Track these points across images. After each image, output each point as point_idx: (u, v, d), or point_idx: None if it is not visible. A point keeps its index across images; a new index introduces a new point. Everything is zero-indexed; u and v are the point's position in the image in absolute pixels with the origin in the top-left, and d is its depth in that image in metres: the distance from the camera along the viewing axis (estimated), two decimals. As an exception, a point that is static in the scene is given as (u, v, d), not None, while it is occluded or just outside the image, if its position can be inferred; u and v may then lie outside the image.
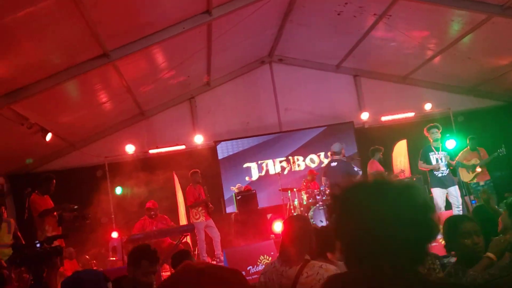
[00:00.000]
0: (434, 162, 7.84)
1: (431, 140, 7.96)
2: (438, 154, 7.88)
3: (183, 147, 10.65)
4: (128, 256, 3.05)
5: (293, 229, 2.87)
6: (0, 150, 8.73)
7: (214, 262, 8.27)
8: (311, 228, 2.96)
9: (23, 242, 6.07)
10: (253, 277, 5.26)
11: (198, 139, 10.61)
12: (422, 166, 8.01)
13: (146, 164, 10.23)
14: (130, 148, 10.11)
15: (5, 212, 6.72)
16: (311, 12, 9.04)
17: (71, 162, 10.38)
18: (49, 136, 8.56)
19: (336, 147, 8.05)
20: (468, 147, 9.61)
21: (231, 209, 10.06)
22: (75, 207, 6.05)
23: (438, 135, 7.94)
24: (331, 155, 8.33)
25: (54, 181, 6.25)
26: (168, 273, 5.92)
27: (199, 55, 9.25)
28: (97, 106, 9.42)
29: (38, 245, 3.40)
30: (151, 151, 10.41)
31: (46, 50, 6.55)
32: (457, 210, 7.61)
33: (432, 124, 8.06)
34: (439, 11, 8.14)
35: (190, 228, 7.69)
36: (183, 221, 9.42)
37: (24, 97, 7.03)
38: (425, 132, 8.04)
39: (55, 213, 6.00)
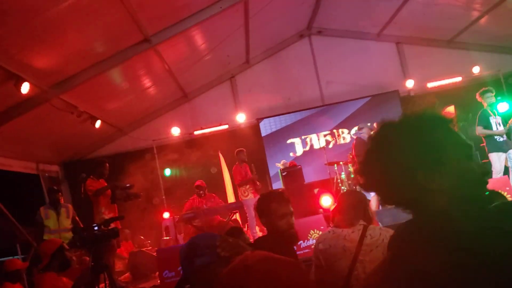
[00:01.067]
0: (494, 127, 7.53)
1: (486, 105, 7.62)
2: (496, 118, 7.57)
3: (226, 126, 10.75)
4: (256, 209, 2.94)
5: (349, 200, 2.92)
6: (52, 140, 9.14)
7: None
8: (365, 198, 2.98)
9: (82, 226, 6.38)
10: (304, 251, 5.32)
11: (241, 118, 10.67)
12: (482, 131, 7.64)
13: (191, 145, 10.43)
14: (175, 131, 10.32)
15: (62, 198, 7.07)
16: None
17: (120, 147, 10.73)
18: (98, 123, 8.86)
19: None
20: (522, 109, 9.17)
21: (277, 185, 10.12)
22: (128, 185, 6.27)
23: (493, 99, 7.59)
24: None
25: (107, 164, 6.49)
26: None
27: (237, 34, 9.25)
28: (141, 91, 9.64)
29: (96, 227, 3.56)
30: (195, 132, 10.58)
31: (90, 39, 6.73)
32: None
33: (485, 88, 7.69)
34: (484, -32, 7.75)
35: (238, 206, 7.82)
36: (231, 199, 9.60)
37: (72, 87, 7.29)
38: (477, 97, 7.69)
39: (108, 192, 6.24)
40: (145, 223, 9.31)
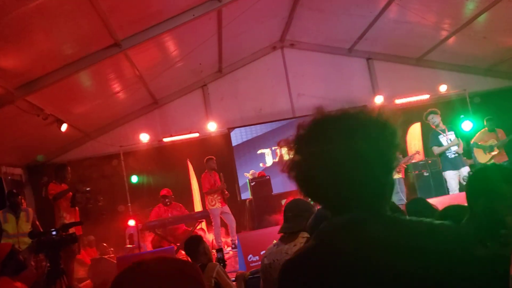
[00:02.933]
0: (445, 144, 7.77)
1: (434, 127, 7.90)
2: (447, 135, 7.81)
3: (196, 134, 10.69)
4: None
5: (291, 209, 2.86)
6: (17, 142, 8.88)
7: (229, 248, 8.35)
8: (310, 207, 2.90)
9: (41, 230, 6.21)
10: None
11: (212, 127, 10.64)
12: (437, 150, 7.91)
13: (160, 153, 10.33)
14: (144, 137, 10.20)
15: (24, 202, 6.87)
16: (322, -5, 8.94)
17: (87, 152, 10.52)
18: (64, 127, 8.67)
19: None
20: (486, 128, 9.45)
21: (246, 195, 10.11)
22: (87, 189, 6.16)
23: (437, 119, 7.87)
24: None
25: (69, 168, 6.36)
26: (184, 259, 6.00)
27: (210, 42, 9.24)
28: (110, 96, 9.50)
29: (54, 232, 3.46)
30: (165, 140, 10.48)
31: (58, 41, 6.60)
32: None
33: (427, 111, 7.99)
34: (453, -10, 8.00)
35: (204, 215, 7.76)
36: (198, 208, 9.52)
37: (39, 89, 7.11)
38: (424, 118, 8.01)
39: (69, 196, 6.10)
40: (109, 230, 9.14)
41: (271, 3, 9.00)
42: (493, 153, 9.23)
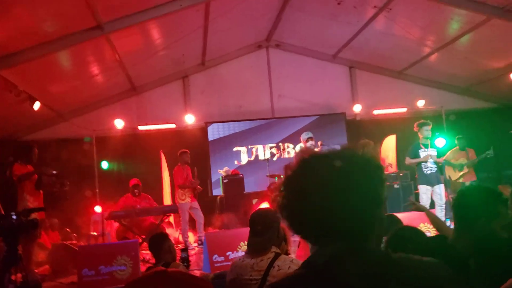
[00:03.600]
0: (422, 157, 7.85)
1: (421, 137, 7.93)
2: (427, 151, 7.88)
3: (173, 125, 10.56)
4: None
5: (261, 221, 2.79)
6: (-14, 116, 8.61)
7: (196, 244, 8.28)
8: (278, 218, 2.83)
9: (3, 213, 6.02)
10: (231, 262, 5.24)
11: (189, 119, 10.52)
12: (409, 161, 7.99)
13: (134, 141, 10.17)
14: (119, 123, 10.00)
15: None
16: (311, -1, 8.94)
17: (59, 133, 10.25)
18: (37, 105, 8.43)
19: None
20: (457, 146, 9.64)
21: (217, 191, 10.05)
22: (54, 172, 5.99)
23: (429, 133, 7.92)
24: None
25: (36, 150, 6.18)
26: (148, 252, 5.91)
27: (196, 34, 9.13)
28: (88, 78, 9.29)
29: (14, 217, 3.35)
30: (140, 128, 10.32)
31: (39, 17, 6.42)
32: (440, 208, 7.66)
33: (423, 121, 8.02)
34: (439, 8, 8.09)
35: (173, 209, 7.66)
36: (167, 200, 9.40)
37: (14, 64, 6.92)
38: (415, 127, 8.00)
39: (34, 178, 5.93)
40: (74, 215, 8.94)
41: (261, 2, 8.95)
42: (463, 172, 9.42)
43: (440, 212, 7.55)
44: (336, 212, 1.11)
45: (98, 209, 8.68)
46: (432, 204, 7.81)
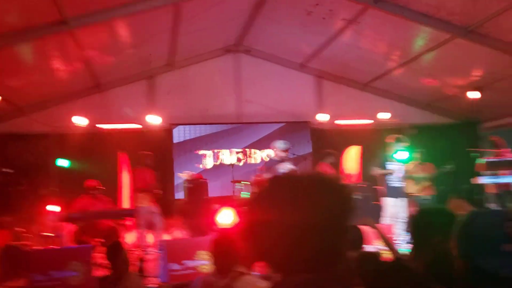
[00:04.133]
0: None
1: (391, 150, 8.09)
2: (394, 164, 8.05)
3: (137, 126, 10.37)
4: None
5: (223, 243, 2.75)
6: None
7: (153, 250, 8.11)
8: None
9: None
10: (187, 271, 5.17)
11: (154, 120, 10.35)
12: (375, 171, 8.10)
13: (95, 139, 9.91)
14: (80, 120, 9.74)
15: None
16: (282, 7, 8.97)
17: (17, 128, 9.86)
18: (-6, 98, 8.10)
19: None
20: (418, 160, 9.86)
21: (180, 195, 9.91)
22: (8, 170, 5.75)
23: (400, 147, 8.12)
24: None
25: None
26: (103, 255, 5.75)
27: (165, 35, 9.00)
28: (50, 73, 8.99)
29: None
30: (102, 126, 10.07)
31: (1, 7, 6.17)
32: (402, 221, 7.81)
33: (399, 136, 8.20)
34: (406, 25, 8.25)
35: (132, 213, 7.49)
36: (125, 204, 9.15)
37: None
38: (388, 139, 8.15)
39: None
40: (29, 215, 8.60)
41: (232, 7, 8.92)
42: (423, 186, 9.64)
43: (402, 225, 7.70)
44: (301, 241, 1.09)
45: (54, 209, 8.39)
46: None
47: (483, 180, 7.74)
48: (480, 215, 1.32)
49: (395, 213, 7.91)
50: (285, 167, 7.31)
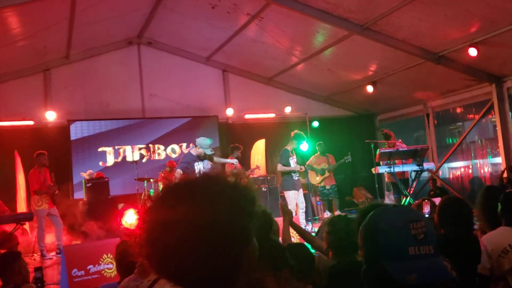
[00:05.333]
0: (292, 165, 8.25)
1: (292, 146, 8.36)
2: (293, 158, 8.33)
3: (31, 122, 9.67)
4: None
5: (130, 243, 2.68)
6: None
7: (53, 253, 7.66)
8: None
9: None
10: (92, 276, 4.94)
11: (50, 116, 9.72)
12: (281, 168, 8.33)
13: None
14: (-35, 118, 8.87)
15: None
16: (185, 0, 8.84)
17: None
18: None
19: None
20: (318, 152, 10.34)
21: (79, 195, 9.38)
22: None
23: (302, 140, 8.44)
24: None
25: None
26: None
27: (60, 26, 8.46)
28: None
29: None
30: (-8, 124, 9.25)
31: None
32: (302, 211, 8.13)
33: (301, 133, 8.46)
34: (307, 21, 8.54)
35: (28, 217, 6.95)
36: (21, 207, 8.49)
37: None
38: (292, 134, 8.40)
39: None
40: None
41: (133, -3, 8.62)
42: (324, 176, 10.12)
43: (302, 215, 8.01)
44: (199, 252, 1.00)
45: None
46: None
47: (380, 169, 8.27)
48: (384, 215, 1.26)
49: (297, 204, 8.21)
50: (204, 165, 7.15)
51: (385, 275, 1.16)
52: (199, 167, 7.01)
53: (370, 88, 10.67)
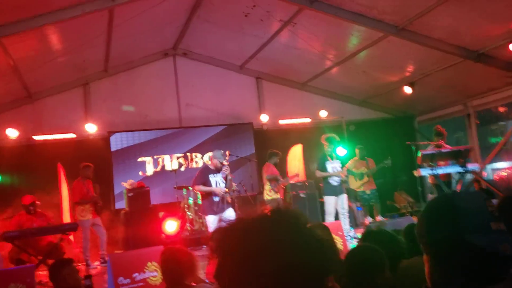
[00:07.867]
0: (330, 170, 8.15)
1: (326, 149, 8.26)
2: (333, 162, 8.22)
3: (73, 135, 9.97)
4: None
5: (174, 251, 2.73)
6: None
7: (98, 263, 7.84)
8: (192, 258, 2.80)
9: None
10: (138, 284, 5.03)
11: (90, 128, 10.00)
12: (320, 174, 8.26)
13: (29, 152, 9.42)
14: (12, 133, 9.22)
15: None
16: (219, 10, 8.94)
17: None
18: None
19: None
20: (357, 156, 10.19)
21: (121, 204, 9.59)
22: None
23: (333, 149, 8.30)
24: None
25: None
26: (45, 273, 5.47)
27: (99, 40, 8.71)
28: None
29: None
30: (36, 138, 9.58)
31: None
32: (343, 217, 8.01)
33: (332, 135, 8.35)
34: (340, 24, 8.49)
35: (73, 227, 7.17)
36: (66, 217, 8.73)
37: None
38: (322, 140, 8.31)
39: None
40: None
41: (168, 10, 8.76)
42: (363, 181, 9.97)
43: (343, 220, 7.90)
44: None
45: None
46: (337, 216, 8.14)
47: (423, 172, 8.03)
48: (459, 197, 1.33)
49: (337, 209, 8.09)
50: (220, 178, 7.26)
51: (469, 250, 1.20)
52: (216, 179, 7.13)
53: (408, 90, 10.44)
